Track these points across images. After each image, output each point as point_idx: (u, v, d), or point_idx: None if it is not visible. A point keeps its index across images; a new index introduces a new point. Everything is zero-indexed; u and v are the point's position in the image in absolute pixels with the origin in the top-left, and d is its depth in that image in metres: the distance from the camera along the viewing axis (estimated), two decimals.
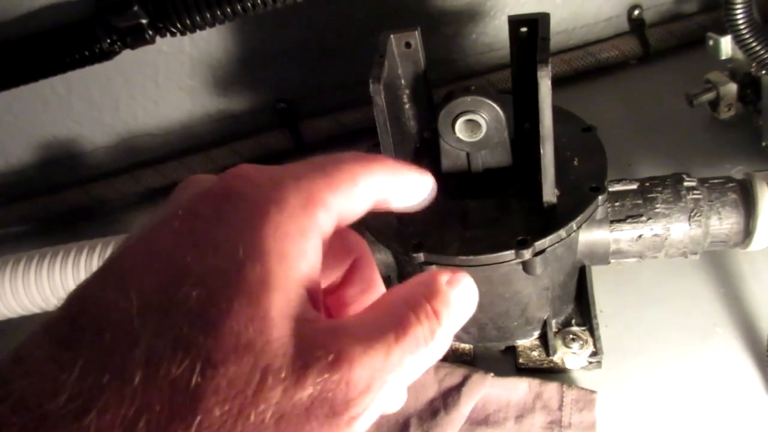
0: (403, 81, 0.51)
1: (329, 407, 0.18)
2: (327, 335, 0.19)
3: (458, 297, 0.22)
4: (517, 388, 0.52)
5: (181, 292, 0.18)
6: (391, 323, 0.20)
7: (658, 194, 0.52)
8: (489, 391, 0.52)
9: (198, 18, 0.63)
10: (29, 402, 0.17)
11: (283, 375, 0.18)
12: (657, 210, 0.51)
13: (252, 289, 0.18)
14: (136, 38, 0.65)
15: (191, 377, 0.17)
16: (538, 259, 0.45)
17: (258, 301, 0.18)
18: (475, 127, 0.47)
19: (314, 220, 0.20)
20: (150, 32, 0.64)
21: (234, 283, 0.18)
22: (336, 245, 0.24)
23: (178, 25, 0.63)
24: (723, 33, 0.63)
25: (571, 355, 0.54)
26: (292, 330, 0.19)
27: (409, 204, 0.25)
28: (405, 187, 0.24)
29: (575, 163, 0.50)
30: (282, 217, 0.20)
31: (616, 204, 0.52)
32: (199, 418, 0.17)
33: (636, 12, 0.83)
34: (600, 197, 0.47)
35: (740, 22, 0.55)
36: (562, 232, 0.45)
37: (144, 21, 0.64)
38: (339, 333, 0.19)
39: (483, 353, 0.57)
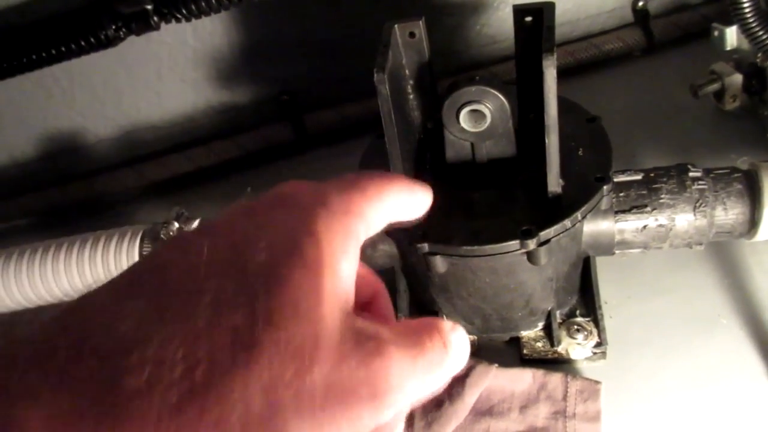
0: (407, 71, 0.51)
1: (369, 389, 0.20)
2: (368, 328, 0.21)
3: (458, 340, 0.25)
4: (522, 379, 0.52)
5: (248, 251, 0.20)
6: (414, 341, 0.23)
7: (663, 185, 0.51)
8: (493, 381, 0.52)
9: (203, 3, 0.62)
10: (87, 341, 0.18)
11: (333, 349, 0.19)
12: (662, 200, 0.51)
13: (309, 265, 0.20)
14: (141, 24, 0.64)
15: (253, 329, 0.18)
16: (542, 249, 0.45)
17: (314, 277, 0.20)
18: (479, 117, 0.47)
19: (354, 224, 0.23)
20: (155, 18, 0.64)
21: (295, 255, 0.20)
22: (357, 280, 0.26)
23: (183, 11, 0.63)
24: (728, 23, 0.63)
25: (575, 346, 0.54)
26: (340, 312, 0.20)
27: (413, 218, 0.27)
28: (415, 204, 0.27)
29: (580, 153, 0.50)
30: (328, 217, 0.22)
31: (621, 194, 0.52)
32: (258, 367, 0.18)
33: (640, 3, 0.82)
34: (605, 187, 0.47)
35: (747, 11, 0.54)
36: (567, 223, 0.45)
37: (149, 7, 0.64)
38: (378, 330, 0.21)
39: (487, 344, 0.57)
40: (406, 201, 0.26)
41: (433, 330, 0.24)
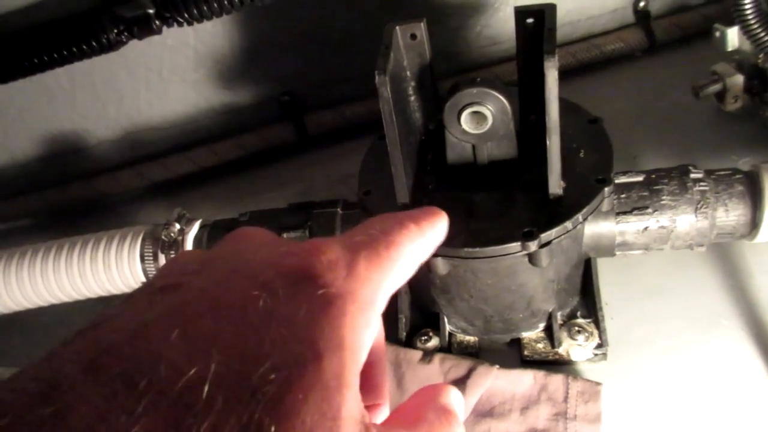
0: (408, 73, 0.51)
1: None
2: None
3: (461, 411, 0.24)
4: (523, 380, 0.52)
5: (258, 372, 0.17)
6: None
7: (665, 186, 0.51)
8: (494, 383, 0.52)
9: (205, 8, 0.62)
10: None
11: None
12: (663, 202, 0.51)
13: (328, 384, 0.18)
14: (143, 28, 0.65)
15: None
16: (543, 251, 0.45)
17: (332, 398, 0.18)
18: (480, 119, 0.47)
19: (377, 310, 0.21)
20: (157, 22, 0.64)
21: (311, 374, 0.18)
22: None
23: (185, 15, 0.63)
24: (729, 24, 0.63)
25: (576, 347, 0.54)
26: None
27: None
28: (435, 244, 0.26)
29: (581, 155, 0.50)
30: (355, 309, 0.20)
31: (622, 196, 0.52)
32: None
33: (641, 3, 0.82)
34: (606, 189, 0.47)
35: (748, 11, 0.54)
36: (568, 224, 0.45)
37: (150, 11, 0.64)
38: None
39: (488, 345, 0.57)
40: (428, 250, 0.25)
41: (447, 416, 0.23)
